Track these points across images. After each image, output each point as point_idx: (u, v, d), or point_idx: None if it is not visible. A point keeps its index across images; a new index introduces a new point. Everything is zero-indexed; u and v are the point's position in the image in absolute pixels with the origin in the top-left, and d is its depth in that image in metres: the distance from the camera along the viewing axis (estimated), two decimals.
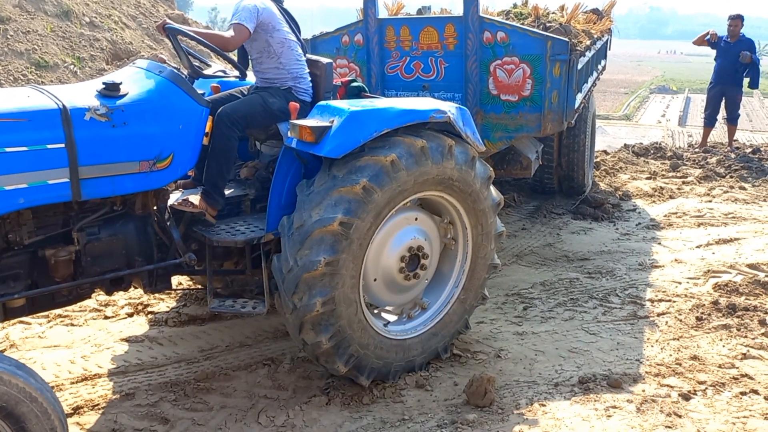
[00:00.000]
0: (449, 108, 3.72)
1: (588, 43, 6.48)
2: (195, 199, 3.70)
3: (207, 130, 3.62)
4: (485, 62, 5.56)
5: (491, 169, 3.99)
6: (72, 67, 7.60)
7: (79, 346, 4.18)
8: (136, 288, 3.75)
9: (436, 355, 4.05)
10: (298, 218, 3.40)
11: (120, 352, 4.12)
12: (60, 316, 4.53)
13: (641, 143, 11.22)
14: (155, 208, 3.55)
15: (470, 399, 3.63)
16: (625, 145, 10.97)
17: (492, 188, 4.03)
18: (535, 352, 4.23)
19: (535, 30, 5.60)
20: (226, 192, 3.90)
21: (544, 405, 3.61)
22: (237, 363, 4.05)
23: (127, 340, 4.28)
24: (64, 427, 2.60)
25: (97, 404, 3.56)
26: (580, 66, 5.77)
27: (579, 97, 6.16)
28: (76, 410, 3.50)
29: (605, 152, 10.33)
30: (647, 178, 9.00)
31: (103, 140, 3.13)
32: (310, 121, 3.47)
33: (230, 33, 3.76)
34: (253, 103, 3.84)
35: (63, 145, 3.01)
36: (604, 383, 3.81)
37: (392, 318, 4.04)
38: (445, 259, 4.11)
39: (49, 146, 2.98)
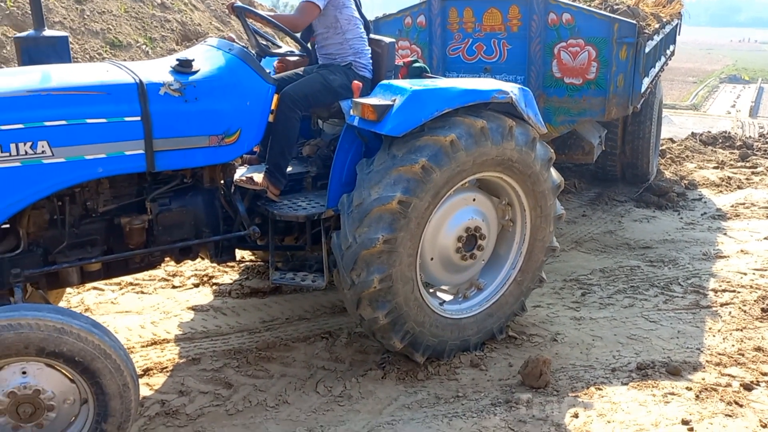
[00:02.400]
0: (512, 89, 3.71)
1: (656, 26, 6.28)
2: (258, 177, 3.79)
3: (273, 107, 3.69)
4: (549, 44, 5.47)
5: (552, 150, 3.97)
6: (144, 47, 7.87)
7: (149, 313, 4.39)
8: (203, 259, 3.89)
9: (492, 335, 4.07)
10: (357, 196, 3.46)
11: (186, 320, 4.30)
12: (131, 284, 4.75)
13: (709, 132, 10.86)
14: (222, 182, 3.66)
15: (525, 380, 3.65)
16: (692, 133, 10.65)
17: (552, 170, 4.00)
18: (593, 337, 4.21)
19: (601, 12, 5.45)
20: (289, 169, 3.97)
21: (600, 389, 3.60)
22: (296, 335, 4.17)
23: (193, 308, 4.46)
24: (135, 384, 2.76)
25: (166, 367, 3.74)
26: (647, 50, 5.62)
27: (646, 81, 5.99)
28: (146, 372, 3.69)
29: (671, 140, 10.06)
30: (714, 168, 8.72)
31: (176, 114, 3.23)
32: (372, 100, 3.51)
33: (299, 12, 3.83)
34: (313, 83, 3.90)
35: (139, 118, 3.13)
36: (663, 370, 3.76)
37: (448, 297, 4.07)
38: (503, 240, 4.12)
39: (127, 119, 3.11)
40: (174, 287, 4.81)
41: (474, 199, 3.85)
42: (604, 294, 4.87)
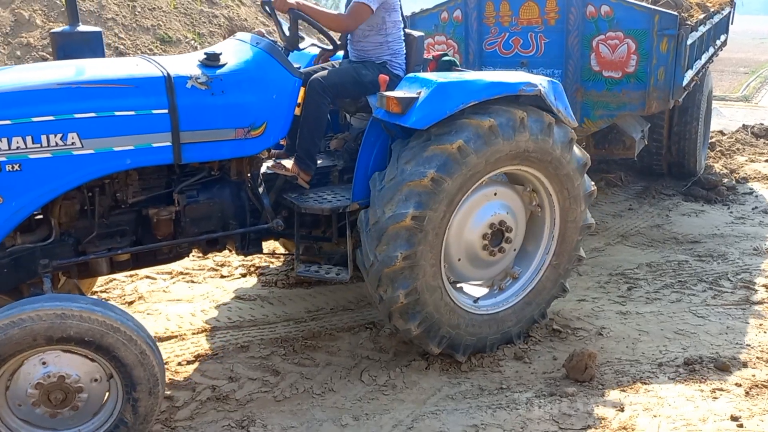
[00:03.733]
0: (540, 81, 3.66)
1: (701, 16, 6.07)
2: (288, 163, 3.80)
3: (299, 100, 3.71)
4: (587, 37, 5.34)
5: (572, 131, 3.85)
6: (193, 42, 8.06)
7: (199, 301, 4.51)
8: (230, 251, 3.96)
9: (533, 322, 4.06)
10: (372, 214, 3.46)
11: (234, 309, 4.41)
12: (181, 273, 4.89)
13: (761, 124, 10.56)
14: (249, 174, 3.67)
15: (570, 373, 3.65)
16: (743, 125, 10.36)
17: (576, 149, 3.87)
18: (639, 332, 4.17)
19: (641, 3, 5.29)
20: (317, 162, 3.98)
21: (646, 384, 3.57)
22: (341, 325, 4.24)
23: (240, 297, 4.57)
24: (154, 351, 2.84)
25: (216, 354, 3.85)
26: (690, 41, 5.45)
27: (689, 74, 5.81)
28: (197, 358, 3.80)
29: (721, 133, 9.80)
30: (767, 161, 8.48)
31: (203, 107, 3.27)
32: (397, 93, 3.50)
33: (352, 13, 3.79)
34: (344, 73, 3.88)
35: (166, 111, 3.18)
36: (711, 366, 3.71)
37: (484, 291, 4.03)
38: (534, 226, 4.06)
39: (154, 111, 3.16)
40: (222, 277, 4.94)
41: (495, 193, 3.78)
42: (650, 288, 4.81)
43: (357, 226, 3.62)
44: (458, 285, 3.93)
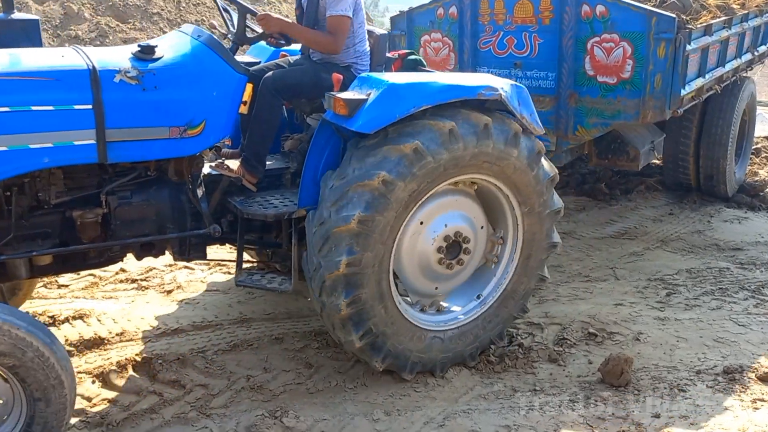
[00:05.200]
0: (502, 85, 3.43)
1: (709, 19, 5.40)
2: (233, 164, 3.60)
3: (245, 98, 3.54)
4: (582, 39, 4.95)
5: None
6: None
7: (236, 292, 4.57)
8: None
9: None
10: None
11: (270, 301, 4.45)
12: (219, 264, 4.96)
13: None
14: (189, 175, 3.45)
15: (605, 377, 3.60)
16: None
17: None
18: (677, 338, 4.09)
19: (637, 3, 4.85)
20: (268, 163, 3.77)
21: (683, 391, 3.51)
22: None
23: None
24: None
25: (252, 344, 3.90)
26: (693, 46, 4.92)
27: (696, 82, 5.30)
28: (233, 347, 3.85)
29: (767, 139, 9.54)
30: None
31: (133, 103, 3.08)
32: (345, 94, 3.27)
33: (336, 30, 3.55)
34: (302, 75, 3.64)
35: (90, 107, 2.98)
36: (752, 375, 3.63)
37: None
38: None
39: (76, 107, 2.96)
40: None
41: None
42: (690, 295, 4.71)
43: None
44: (440, 303, 3.76)
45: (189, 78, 3.24)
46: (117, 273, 4.68)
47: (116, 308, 4.25)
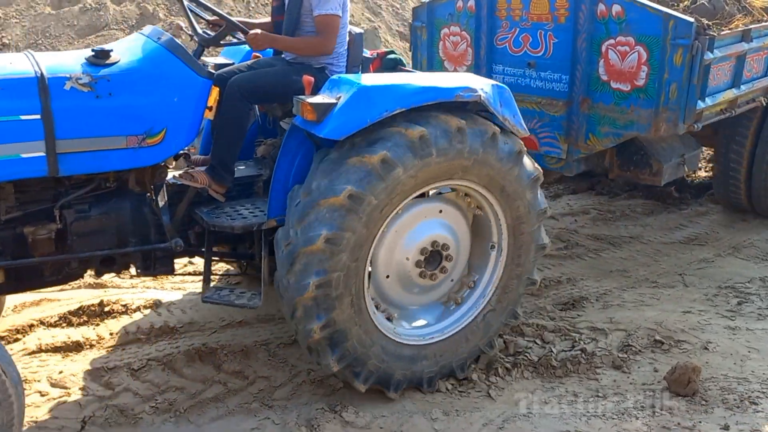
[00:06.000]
0: (483, 86, 3.23)
1: (742, 26, 4.86)
2: (198, 173, 3.39)
3: (210, 104, 3.35)
4: (597, 40, 4.54)
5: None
6: None
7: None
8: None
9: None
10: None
11: None
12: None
13: None
14: (152, 186, 3.30)
15: (671, 386, 3.51)
16: None
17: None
18: (749, 348, 3.94)
19: (654, 5, 4.38)
20: (240, 170, 3.63)
21: (755, 404, 3.39)
22: None
23: None
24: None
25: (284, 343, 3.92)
26: (716, 54, 4.40)
27: (725, 95, 4.76)
28: (295, 342, 3.88)
29: None
30: None
31: (85, 112, 2.91)
32: (315, 98, 3.08)
33: (325, 30, 3.40)
34: (272, 76, 3.47)
35: (38, 117, 2.81)
36: None
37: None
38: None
39: (23, 117, 2.80)
40: None
41: (440, 211, 3.42)
42: (763, 305, 4.53)
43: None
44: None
45: (146, 83, 3.06)
46: (185, 265, 4.83)
47: (185, 299, 4.39)
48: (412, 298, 3.53)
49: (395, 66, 4.03)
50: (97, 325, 4.02)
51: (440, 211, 3.43)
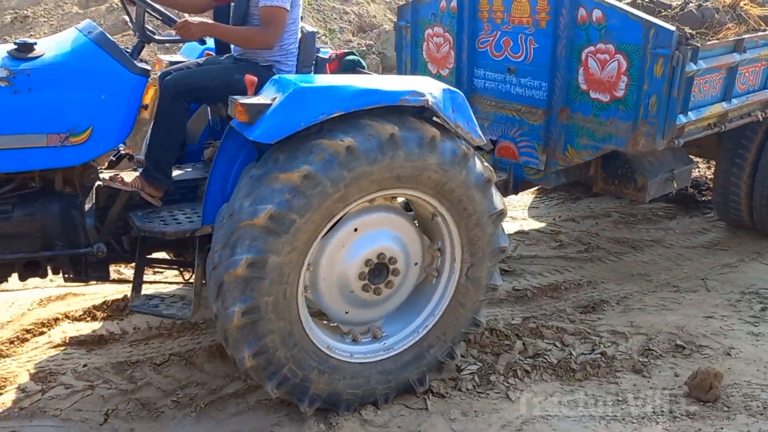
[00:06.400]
0: (431, 90, 3.04)
1: (746, 33, 4.54)
2: (129, 176, 3.25)
3: (147, 102, 3.24)
4: (577, 47, 4.24)
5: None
6: (323, 37, 8.34)
7: None
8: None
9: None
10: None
11: None
12: None
13: None
14: (81, 187, 3.17)
15: (692, 391, 3.48)
16: None
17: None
18: None
19: (635, 11, 4.07)
20: (186, 173, 3.50)
21: None
22: None
23: None
24: None
25: None
26: (700, 66, 4.06)
27: (712, 109, 4.42)
28: None
29: None
30: None
31: (2, 108, 2.82)
32: (249, 98, 2.93)
33: (270, 22, 3.21)
34: (212, 75, 3.32)
35: None
36: None
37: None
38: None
39: None
40: None
41: (388, 221, 3.23)
42: None
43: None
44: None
45: (70, 79, 2.94)
46: None
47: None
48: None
49: (354, 67, 3.83)
50: (121, 319, 4.08)
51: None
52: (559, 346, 3.93)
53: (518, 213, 6.23)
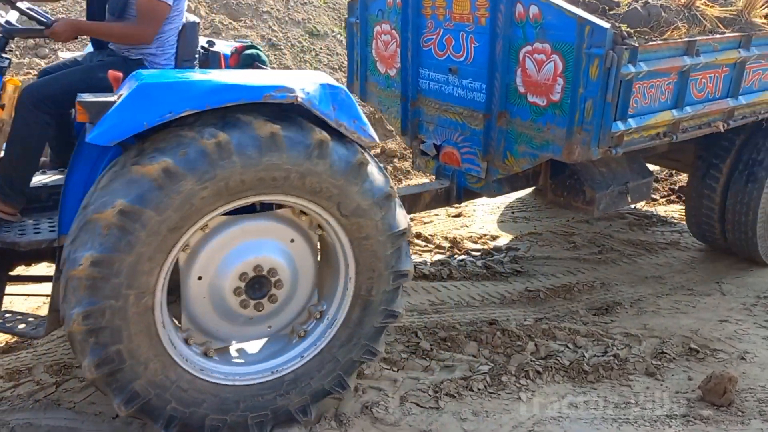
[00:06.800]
0: (306, 86, 2.77)
1: (700, 35, 4.09)
2: None
3: (3, 101, 2.96)
4: (516, 47, 3.88)
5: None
6: (339, 36, 8.36)
7: None
8: None
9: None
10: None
11: None
12: None
13: None
14: None
15: (706, 395, 3.45)
16: None
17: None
18: None
19: (570, 7, 3.67)
20: (56, 179, 3.26)
21: None
22: (464, 320, 4.25)
23: None
24: None
25: None
26: (640, 69, 3.65)
27: (660, 117, 3.94)
28: None
29: None
30: None
31: None
32: (96, 96, 2.69)
33: (149, 16, 3.04)
34: (71, 78, 3.08)
35: None
36: None
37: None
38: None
39: None
40: None
41: (273, 231, 2.96)
42: None
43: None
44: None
45: None
46: None
47: None
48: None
49: (252, 62, 3.56)
50: None
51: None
52: (571, 348, 3.91)
53: (531, 213, 6.21)
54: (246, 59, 3.55)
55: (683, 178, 6.61)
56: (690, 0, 4.20)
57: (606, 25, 3.54)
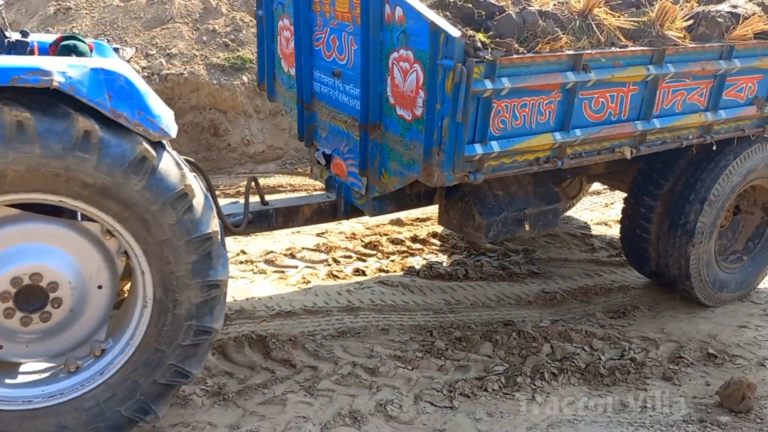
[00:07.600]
0: (70, 70, 2.44)
1: (595, 48, 3.49)
2: None
3: None
4: (386, 52, 3.45)
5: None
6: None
7: (345, 281, 4.70)
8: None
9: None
10: None
11: (378, 292, 4.55)
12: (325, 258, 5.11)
13: None
14: None
15: (724, 401, 3.42)
16: None
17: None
18: None
19: (427, 12, 3.21)
20: None
21: None
22: (479, 320, 4.24)
23: (384, 283, 4.70)
24: None
25: (358, 333, 4.00)
26: (501, 86, 3.19)
27: (533, 141, 3.45)
28: (341, 334, 3.97)
29: None
30: None
31: None
32: None
33: None
34: None
35: None
36: None
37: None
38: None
39: None
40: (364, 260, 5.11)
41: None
42: None
43: None
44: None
45: None
46: (237, 254, 4.93)
47: (237, 287, 4.49)
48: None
49: (69, 53, 3.19)
50: None
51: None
52: (587, 351, 3.89)
53: None
54: (62, 49, 3.24)
55: None
56: (586, 7, 3.58)
57: (456, 33, 3.05)
